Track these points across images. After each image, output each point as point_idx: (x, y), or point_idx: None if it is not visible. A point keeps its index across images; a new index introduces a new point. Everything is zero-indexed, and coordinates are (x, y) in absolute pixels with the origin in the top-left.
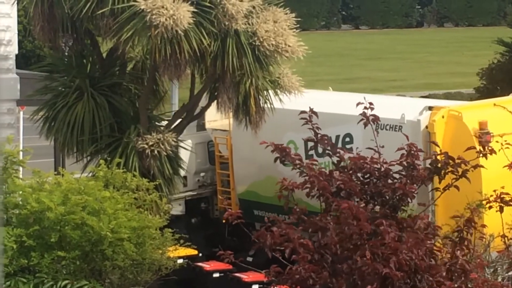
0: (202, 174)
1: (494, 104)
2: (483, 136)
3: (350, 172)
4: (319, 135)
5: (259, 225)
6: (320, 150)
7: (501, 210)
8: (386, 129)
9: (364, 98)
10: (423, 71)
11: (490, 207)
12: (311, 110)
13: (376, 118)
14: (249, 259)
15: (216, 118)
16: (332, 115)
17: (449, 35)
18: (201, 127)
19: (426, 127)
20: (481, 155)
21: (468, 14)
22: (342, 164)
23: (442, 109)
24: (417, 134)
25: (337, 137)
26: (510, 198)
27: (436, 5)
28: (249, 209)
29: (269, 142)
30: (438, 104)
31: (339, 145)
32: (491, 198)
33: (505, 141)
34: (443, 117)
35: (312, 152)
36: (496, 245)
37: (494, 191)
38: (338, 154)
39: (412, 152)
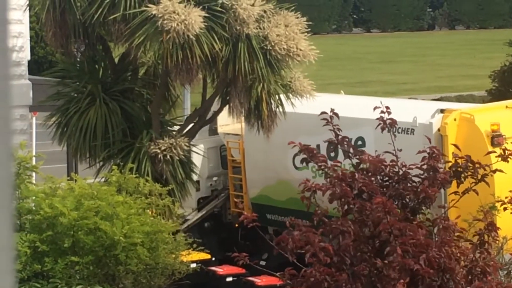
0: (214, 178)
1: (506, 106)
2: (496, 138)
3: (369, 174)
4: (340, 137)
5: (271, 229)
6: (332, 154)
7: None
8: (398, 132)
9: (381, 102)
10: (435, 74)
11: (505, 209)
12: (332, 111)
13: (393, 122)
14: (262, 263)
15: (228, 122)
16: (344, 118)
17: (461, 38)
18: (213, 131)
19: (438, 130)
20: (500, 158)
21: (479, 17)
22: (361, 166)
23: (454, 111)
24: (429, 137)
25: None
26: None
27: (447, 7)
28: (262, 213)
29: (297, 142)
30: (450, 106)
31: None
32: (505, 201)
33: None
34: (455, 119)
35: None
36: (509, 247)
37: (509, 192)
38: (358, 156)
39: (434, 155)
